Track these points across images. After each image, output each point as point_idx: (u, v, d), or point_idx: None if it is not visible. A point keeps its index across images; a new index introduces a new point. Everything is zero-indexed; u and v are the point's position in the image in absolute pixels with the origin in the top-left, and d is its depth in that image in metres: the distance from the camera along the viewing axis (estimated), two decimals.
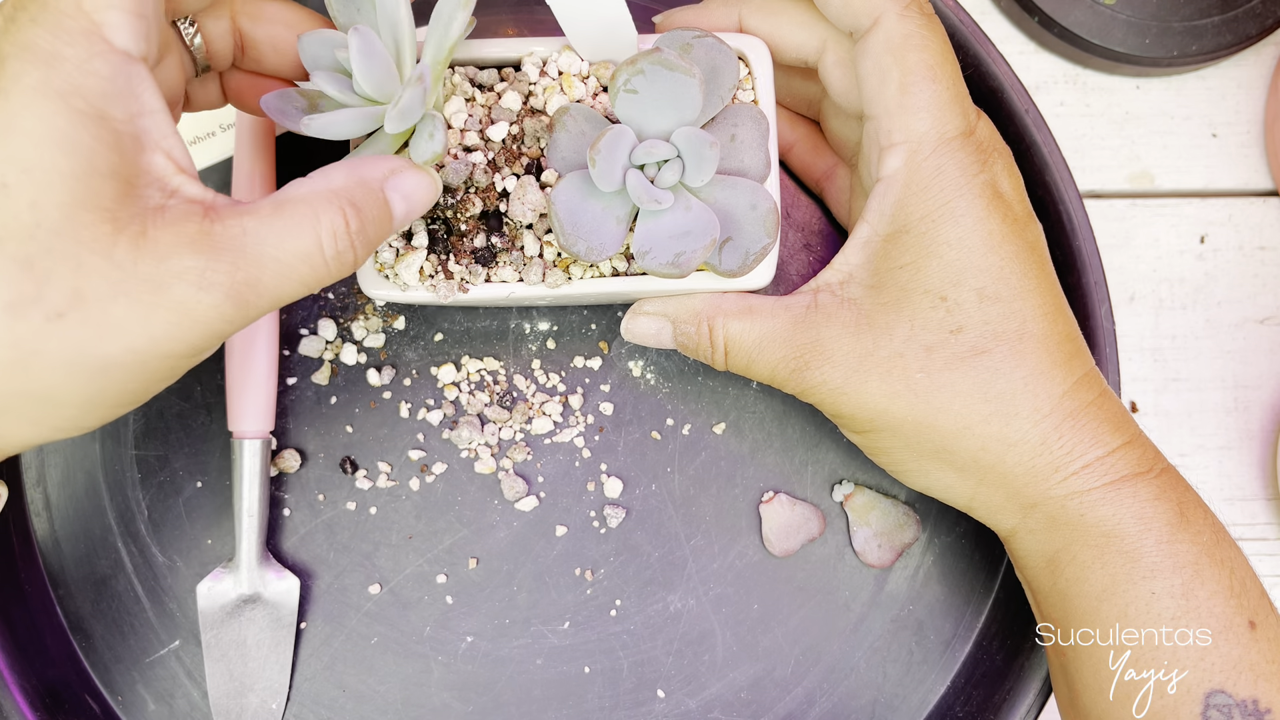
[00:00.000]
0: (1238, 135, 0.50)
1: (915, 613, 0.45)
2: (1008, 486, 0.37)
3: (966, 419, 0.36)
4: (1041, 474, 0.36)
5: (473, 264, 0.39)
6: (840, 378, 0.37)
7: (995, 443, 0.36)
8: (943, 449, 0.37)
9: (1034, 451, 0.36)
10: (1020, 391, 0.36)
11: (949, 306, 0.36)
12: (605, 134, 0.35)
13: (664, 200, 0.36)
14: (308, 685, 0.44)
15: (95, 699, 0.44)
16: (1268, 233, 0.49)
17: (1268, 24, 0.48)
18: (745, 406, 0.45)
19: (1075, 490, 0.36)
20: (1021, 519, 0.38)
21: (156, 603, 0.44)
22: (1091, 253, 0.43)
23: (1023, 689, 0.43)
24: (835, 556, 0.45)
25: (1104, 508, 0.36)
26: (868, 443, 0.39)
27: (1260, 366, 0.49)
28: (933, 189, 0.36)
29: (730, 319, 0.39)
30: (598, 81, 0.39)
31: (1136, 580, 0.35)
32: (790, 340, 0.38)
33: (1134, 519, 0.36)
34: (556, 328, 0.45)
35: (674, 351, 0.44)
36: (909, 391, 0.37)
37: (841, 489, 0.45)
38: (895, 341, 0.37)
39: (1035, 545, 0.38)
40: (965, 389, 0.36)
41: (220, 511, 0.45)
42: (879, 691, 0.44)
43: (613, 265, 0.39)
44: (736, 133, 0.38)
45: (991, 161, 0.37)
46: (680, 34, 0.37)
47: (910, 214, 0.36)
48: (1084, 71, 0.50)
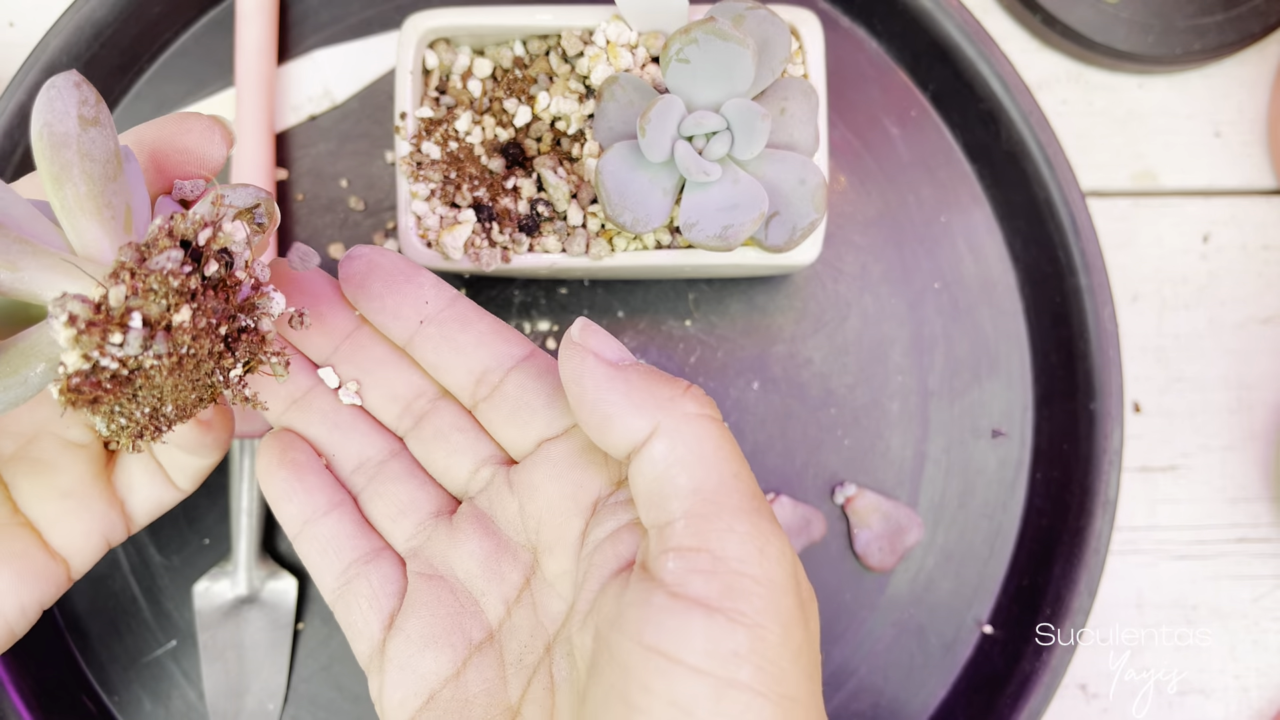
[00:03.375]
0: (1241, 134, 0.50)
1: (917, 616, 0.45)
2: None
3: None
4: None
5: (516, 232, 0.39)
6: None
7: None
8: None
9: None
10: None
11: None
12: (656, 103, 0.35)
13: (712, 172, 0.35)
14: (305, 686, 0.44)
15: (91, 699, 0.44)
16: (1271, 232, 0.49)
17: (1271, 22, 0.48)
18: (746, 408, 0.45)
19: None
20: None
21: (153, 602, 0.44)
22: (1095, 253, 0.43)
23: (1024, 693, 0.42)
24: (837, 559, 0.45)
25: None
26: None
27: (1263, 366, 0.49)
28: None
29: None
30: (646, 52, 0.39)
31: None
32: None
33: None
34: (557, 328, 0.45)
35: (673, 353, 0.44)
36: None
37: (843, 491, 0.45)
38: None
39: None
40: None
41: (218, 512, 0.44)
42: (880, 695, 0.44)
43: (656, 239, 0.39)
44: (786, 106, 0.37)
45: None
46: (732, 5, 0.37)
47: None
48: (1087, 70, 0.50)
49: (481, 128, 0.40)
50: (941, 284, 0.46)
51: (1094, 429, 0.43)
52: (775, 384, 0.45)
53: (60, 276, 0.23)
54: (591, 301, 0.45)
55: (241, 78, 0.45)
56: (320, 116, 0.46)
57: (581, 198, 0.39)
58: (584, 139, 0.39)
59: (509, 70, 0.40)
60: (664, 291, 0.46)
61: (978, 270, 0.46)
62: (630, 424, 0.27)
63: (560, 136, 0.40)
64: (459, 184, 0.39)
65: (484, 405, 0.31)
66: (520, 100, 0.40)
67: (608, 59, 0.39)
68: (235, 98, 0.45)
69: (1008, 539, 0.45)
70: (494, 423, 0.32)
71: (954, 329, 0.46)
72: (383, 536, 0.32)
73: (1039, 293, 0.45)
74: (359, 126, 0.47)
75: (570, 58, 0.40)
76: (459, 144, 0.40)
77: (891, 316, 0.46)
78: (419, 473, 0.33)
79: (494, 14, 0.40)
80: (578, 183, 0.39)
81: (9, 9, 0.49)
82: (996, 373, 0.46)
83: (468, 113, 0.40)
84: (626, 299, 0.45)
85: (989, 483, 0.45)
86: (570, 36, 0.39)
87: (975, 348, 0.46)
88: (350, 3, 0.47)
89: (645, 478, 0.27)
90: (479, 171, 0.39)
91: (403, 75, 0.39)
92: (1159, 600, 0.47)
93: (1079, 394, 0.44)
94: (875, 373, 0.46)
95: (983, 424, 0.45)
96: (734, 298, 0.46)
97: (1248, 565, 0.47)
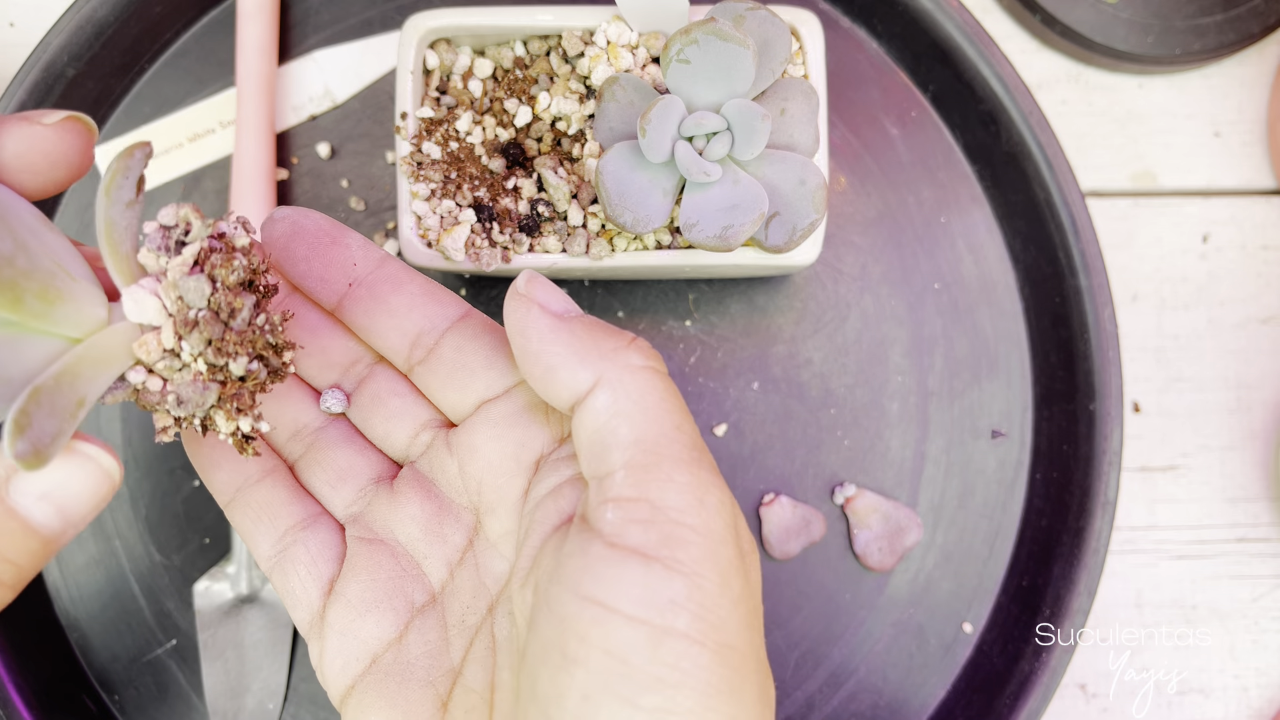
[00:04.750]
0: (1240, 134, 0.50)
1: (916, 616, 0.45)
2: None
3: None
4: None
5: (516, 232, 0.39)
6: None
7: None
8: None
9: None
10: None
11: None
12: (656, 104, 0.35)
13: (712, 173, 0.35)
14: (305, 686, 0.44)
15: (92, 698, 0.44)
16: (1270, 232, 0.49)
17: (1270, 22, 0.48)
18: (746, 408, 0.45)
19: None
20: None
21: (153, 602, 0.44)
22: (1094, 253, 0.43)
23: (1024, 693, 0.43)
24: (836, 559, 0.45)
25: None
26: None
27: (1263, 366, 0.49)
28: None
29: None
30: (647, 52, 0.39)
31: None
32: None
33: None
34: None
35: (674, 353, 0.44)
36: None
37: (843, 492, 0.45)
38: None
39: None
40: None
41: (217, 511, 0.44)
42: (879, 696, 0.44)
43: (657, 239, 0.39)
44: (787, 106, 0.37)
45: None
46: (732, 6, 0.37)
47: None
48: (1086, 70, 0.50)
49: (482, 128, 0.40)
50: (941, 284, 0.46)
51: (1094, 429, 0.43)
52: (775, 384, 0.45)
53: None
54: (591, 301, 0.45)
55: (242, 78, 0.45)
56: (321, 116, 0.46)
57: (582, 198, 0.39)
58: (584, 139, 0.39)
59: (510, 70, 0.40)
60: (664, 292, 0.46)
61: (978, 271, 0.46)
62: (574, 375, 0.27)
63: (561, 137, 0.40)
64: (459, 184, 0.39)
65: (420, 369, 0.31)
66: (521, 100, 0.40)
67: (608, 59, 0.39)
68: (236, 97, 0.45)
69: (1007, 539, 0.45)
70: (431, 387, 0.31)
71: (954, 329, 0.46)
72: (321, 503, 0.31)
73: (1039, 293, 0.45)
74: (360, 126, 0.47)
75: (571, 58, 0.40)
76: (459, 144, 0.40)
77: (891, 317, 0.46)
78: (358, 439, 0.32)
79: (495, 14, 0.40)
80: (578, 183, 0.39)
81: (9, 9, 0.49)
82: (996, 373, 0.46)
83: (468, 113, 0.40)
84: (627, 299, 0.45)
85: (988, 483, 0.45)
86: (571, 37, 0.39)
87: (975, 348, 0.46)
88: (351, 3, 0.47)
89: (587, 429, 0.27)
90: (479, 171, 0.39)
91: (403, 75, 0.40)
92: (1158, 600, 0.47)
93: (1079, 394, 0.44)
94: (875, 373, 0.46)
95: (982, 424, 0.45)
96: (734, 298, 0.46)
97: (1247, 565, 0.47)
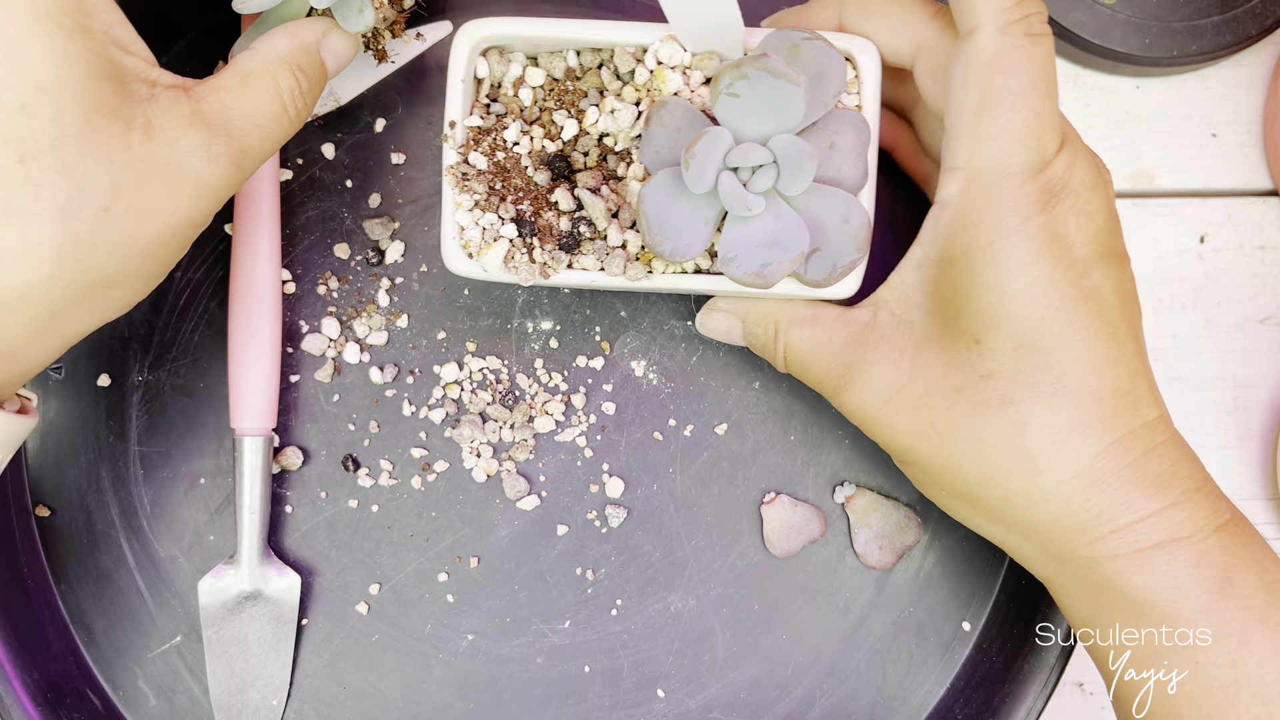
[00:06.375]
0: (1237, 135, 0.50)
1: (915, 615, 0.45)
2: (1035, 540, 0.36)
3: (988, 470, 0.35)
4: (1067, 534, 0.35)
5: (556, 250, 0.39)
6: (873, 407, 0.37)
7: (1018, 498, 0.35)
8: (967, 494, 0.36)
9: (1059, 512, 0.34)
10: (1047, 449, 0.34)
11: (982, 350, 0.34)
12: (702, 137, 0.34)
13: (755, 207, 0.35)
14: (309, 682, 0.44)
15: (96, 693, 0.44)
16: (1267, 232, 0.50)
17: (1267, 24, 0.48)
18: (747, 407, 0.45)
19: (1103, 554, 0.34)
20: (1054, 572, 0.36)
21: (158, 598, 0.44)
22: None
23: (1022, 691, 0.43)
24: (836, 558, 0.45)
25: (1133, 575, 0.34)
26: (908, 474, 0.39)
27: (1260, 366, 0.49)
28: (980, 225, 0.34)
29: (793, 326, 0.39)
30: (701, 74, 0.38)
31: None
32: (838, 357, 0.37)
33: (1167, 588, 0.33)
34: (559, 327, 0.45)
35: (675, 352, 0.44)
36: (934, 432, 0.36)
37: (843, 491, 0.45)
38: (929, 377, 0.36)
39: (1071, 601, 0.36)
40: (990, 439, 0.35)
41: (222, 508, 0.45)
42: (879, 693, 0.44)
43: (695, 262, 0.39)
44: (836, 140, 0.37)
45: (1057, 202, 0.34)
46: (790, 34, 0.36)
47: (957, 246, 0.35)
48: (1084, 71, 0.50)
49: (530, 138, 0.40)
50: None
51: None
52: (776, 383, 0.45)
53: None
54: (593, 300, 0.46)
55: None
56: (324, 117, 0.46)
57: (622, 218, 0.39)
58: (630, 159, 0.39)
59: (560, 81, 0.40)
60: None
61: None
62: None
63: (608, 153, 0.40)
64: (503, 195, 0.39)
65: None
66: (569, 113, 0.40)
67: (652, 86, 0.38)
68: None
69: None
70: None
71: None
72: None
73: None
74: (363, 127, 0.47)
75: (622, 74, 0.39)
76: (506, 154, 0.39)
77: None
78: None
79: (548, 25, 0.39)
80: (619, 202, 0.39)
81: None
82: None
83: (517, 122, 0.39)
84: (629, 298, 0.46)
85: None
86: (623, 54, 0.39)
87: None
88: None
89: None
90: (524, 183, 0.39)
91: (454, 83, 0.39)
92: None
93: None
94: None
95: None
96: None
97: None
